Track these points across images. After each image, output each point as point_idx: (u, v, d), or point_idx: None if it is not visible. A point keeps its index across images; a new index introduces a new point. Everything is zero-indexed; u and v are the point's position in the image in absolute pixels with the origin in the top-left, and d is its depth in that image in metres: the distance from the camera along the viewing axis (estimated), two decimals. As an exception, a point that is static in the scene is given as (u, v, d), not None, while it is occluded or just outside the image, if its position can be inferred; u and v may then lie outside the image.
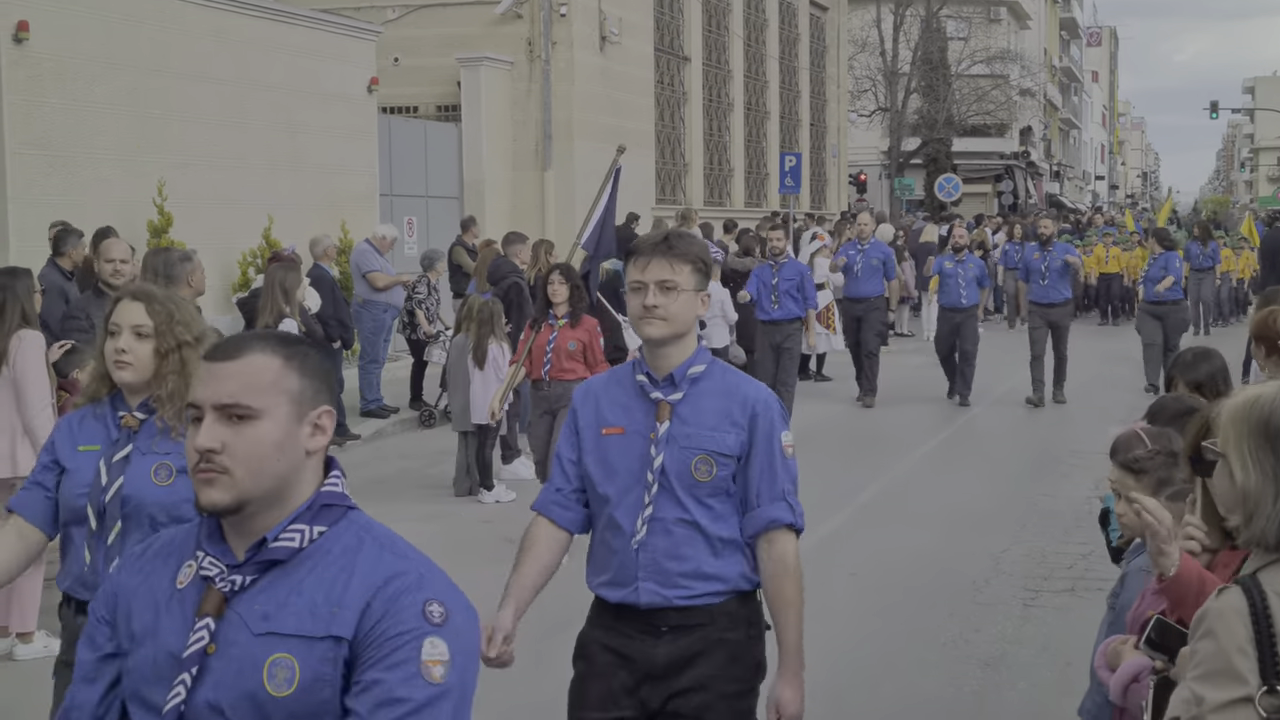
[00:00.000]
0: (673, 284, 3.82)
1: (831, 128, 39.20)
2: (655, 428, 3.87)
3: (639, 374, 3.94)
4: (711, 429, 3.85)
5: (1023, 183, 57.23)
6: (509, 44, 22.96)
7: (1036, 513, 10.80)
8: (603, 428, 3.95)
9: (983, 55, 50.70)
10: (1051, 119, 69.56)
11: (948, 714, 6.63)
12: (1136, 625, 3.42)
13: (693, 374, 3.90)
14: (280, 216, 16.27)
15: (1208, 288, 26.68)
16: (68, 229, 11.23)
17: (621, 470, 3.90)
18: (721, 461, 3.84)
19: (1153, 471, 3.88)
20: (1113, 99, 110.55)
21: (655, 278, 3.83)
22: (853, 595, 8.72)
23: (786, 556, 3.91)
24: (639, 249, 3.91)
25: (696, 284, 3.88)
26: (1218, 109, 67.71)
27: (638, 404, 3.93)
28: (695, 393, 3.88)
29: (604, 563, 3.98)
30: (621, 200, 22.03)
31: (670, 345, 3.88)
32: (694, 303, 3.89)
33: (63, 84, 13.64)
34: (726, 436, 3.85)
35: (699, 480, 3.84)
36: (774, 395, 3.96)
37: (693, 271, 3.87)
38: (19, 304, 7.48)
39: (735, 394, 3.90)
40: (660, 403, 3.88)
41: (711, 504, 3.86)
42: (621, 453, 3.91)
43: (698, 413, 3.86)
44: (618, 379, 4.04)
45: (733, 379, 3.96)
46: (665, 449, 3.85)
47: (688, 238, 3.97)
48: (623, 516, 3.89)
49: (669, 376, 3.90)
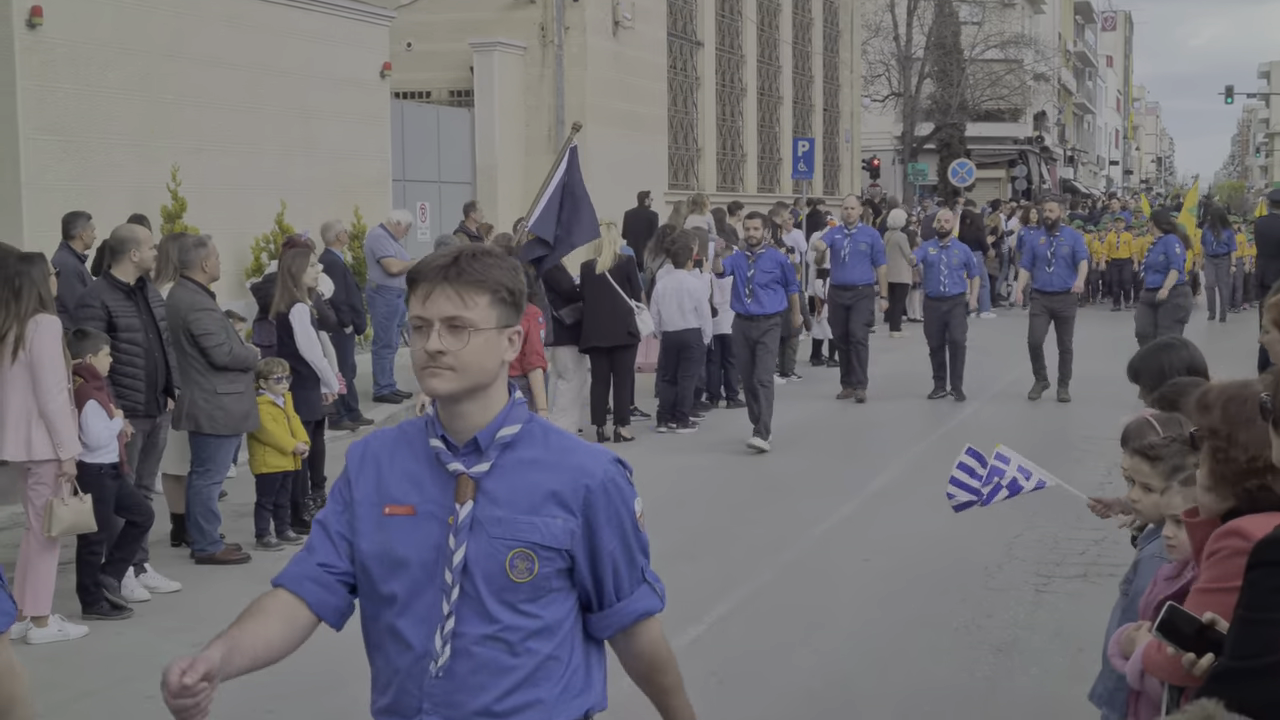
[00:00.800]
0: (464, 322, 2.91)
1: (845, 113, 39.11)
2: (455, 510, 2.96)
3: (433, 437, 3.02)
4: (531, 513, 2.95)
5: (1036, 168, 57.06)
6: (522, 29, 22.94)
7: (1049, 499, 10.76)
8: (385, 505, 3.02)
9: (997, 40, 50.56)
10: (1066, 104, 69.35)
11: (959, 700, 6.64)
12: (1150, 611, 3.43)
13: (504, 438, 2.98)
14: (293, 202, 16.30)
15: (1223, 274, 26.62)
16: (75, 212, 11.34)
17: (411, 565, 2.98)
18: (545, 556, 2.95)
19: (1168, 459, 3.88)
20: (1127, 84, 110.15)
21: (440, 313, 2.91)
22: (865, 581, 8.73)
23: (658, 644, 3.20)
24: (419, 274, 2.96)
25: (500, 318, 2.96)
26: (1233, 94, 67.49)
27: (431, 476, 3.01)
28: (509, 463, 2.98)
29: (384, 681, 3.05)
30: (634, 185, 22.16)
31: (466, 402, 2.97)
32: (496, 345, 2.96)
33: (76, 69, 13.65)
34: (552, 523, 2.96)
35: (516, 581, 2.94)
36: (613, 459, 3.07)
37: (493, 303, 2.95)
38: (35, 289, 7.51)
39: (563, 464, 2.99)
40: (461, 477, 2.96)
41: (531, 611, 2.97)
42: (410, 541, 2.98)
43: (513, 491, 2.96)
44: (408, 438, 3.09)
45: (558, 443, 3.05)
46: (470, 539, 2.94)
47: (487, 258, 2.98)
48: (410, 628, 2.97)
49: (472, 442, 2.98)
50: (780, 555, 9.31)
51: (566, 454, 3.02)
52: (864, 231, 16.61)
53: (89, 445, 7.76)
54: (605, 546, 3.02)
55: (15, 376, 7.46)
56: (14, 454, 7.52)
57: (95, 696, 6.80)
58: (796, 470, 12.22)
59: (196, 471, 9.15)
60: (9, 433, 7.48)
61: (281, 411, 9.64)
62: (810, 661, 7.17)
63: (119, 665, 7.21)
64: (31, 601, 7.54)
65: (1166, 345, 5.13)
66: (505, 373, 3.05)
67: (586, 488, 2.98)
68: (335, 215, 15.68)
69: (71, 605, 7.91)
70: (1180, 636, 2.90)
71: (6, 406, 7.48)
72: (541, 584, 2.96)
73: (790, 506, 10.75)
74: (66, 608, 7.84)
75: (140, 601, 8.26)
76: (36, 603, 7.55)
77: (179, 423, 9.09)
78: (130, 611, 8.06)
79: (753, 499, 11.02)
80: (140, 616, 8.03)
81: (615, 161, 23.45)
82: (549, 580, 2.97)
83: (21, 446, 7.49)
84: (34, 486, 7.57)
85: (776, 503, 10.90)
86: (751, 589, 8.52)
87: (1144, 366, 4.99)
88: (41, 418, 7.44)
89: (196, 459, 9.17)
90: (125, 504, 8.11)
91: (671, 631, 7.53)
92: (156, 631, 7.74)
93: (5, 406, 7.49)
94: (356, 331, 14.09)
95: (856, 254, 16.23)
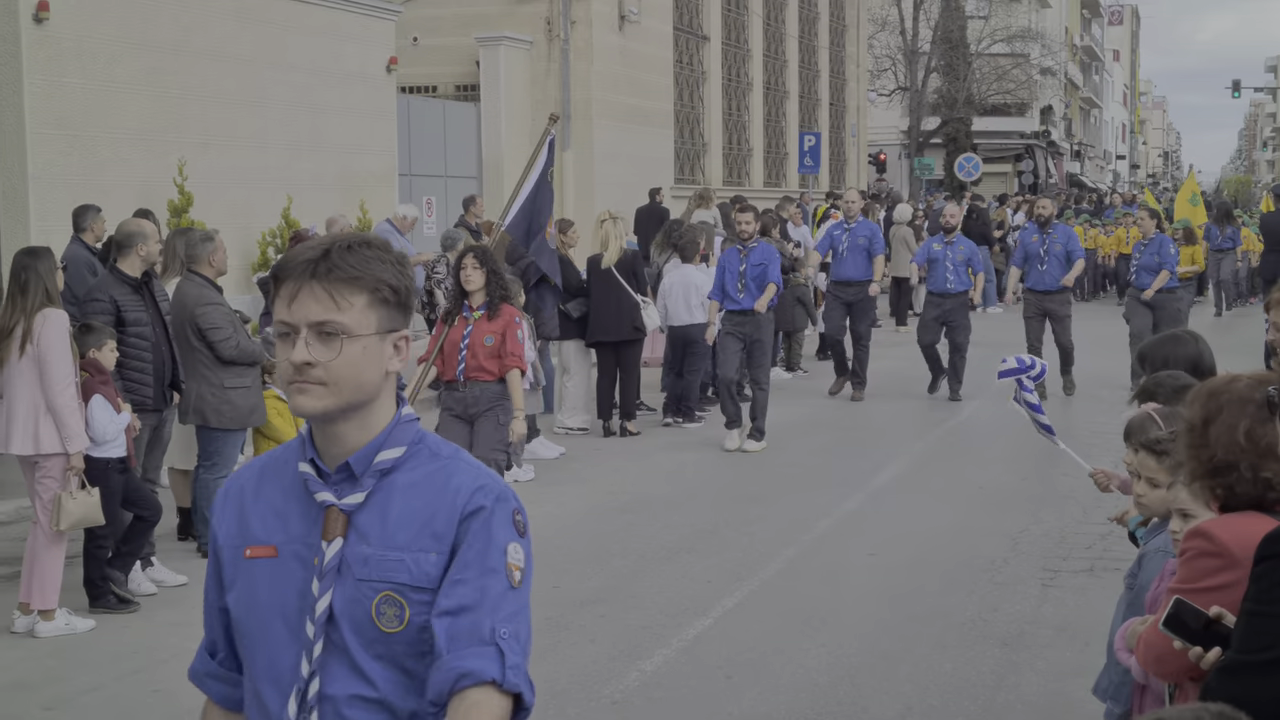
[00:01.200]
0: (336, 327, 2.44)
1: (851, 107, 39.09)
2: (321, 549, 2.49)
3: (303, 461, 2.56)
4: (402, 549, 2.48)
5: (1043, 162, 57.04)
6: (528, 23, 22.93)
7: (1055, 493, 10.79)
8: (247, 546, 2.57)
9: (1003, 34, 50.53)
10: (1072, 98, 69.26)
11: (965, 694, 6.64)
12: (1155, 605, 3.43)
13: (383, 463, 2.52)
14: (300, 196, 16.31)
15: (1227, 269, 26.58)
16: (86, 205, 11.36)
17: (273, 616, 2.52)
18: (416, 601, 2.46)
19: (1173, 453, 3.88)
20: (1134, 78, 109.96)
21: (307, 318, 2.44)
22: (871, 575, 8.73)
23: None
24: (283, 270, 2.50)
25: (382, 322, 2.50)
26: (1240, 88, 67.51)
27: (298, 509, 2.54)
28: (386, 492, 2.52)
29: None
30: (640, 179, 22.15)
31: (341, 422, 2.51)
32: (377, 354, 2.50)
33: (83, 64, 13.66)
34: (423, 560, 2.47)
35: (386, 631, 2.47)
36: (502, 489, 2.55)
37: (372, 304, 2.48)
38: (42, 283, 7.52)
39: (444, 490, 2.51)
40: (330, 509, 2.50)
41: (415, 669, 2.48)
42: (271, 587, 2.53)
43: (386, 525, 2.49)
44: (276, 466, 2.63)
45: (443, 466, 2.55)
46: (336, 583, 2.47)
47: (365, 250, 2.51)
48: (270, 693, 2.52)
49: (344, 467, 2.52)
50: (786, 549, 9.31)
51: (450, 477, 2.53)
52: (863, 226, 16.03)
53: (95, 439, 7.77)
54: (458, 574, 2.47)
55: (23, 370, 7.48)
56: (22, 448, 7.54)
57: (102, 690, 6.82)
58: (802, 465, 12.22)
59: (203, 465, 9.16)
60: (17, 427, 7.50)
61: (286, 405, 9.64)
62: (816, 655, 7.17)
63: (126, 659, 7.22)
64: (39, 595, 7.56)
65: (1177, 338, 5.14)
66: (392, 386, 2.58)
67: (463, 510, 2.49)
68: (341, 210, 15.70)
69: (78, 599, 7.92)
70: (1187, 631, 2.90)
71: (14, 401, 7.50)
72: (423, 635, 2.46)
73: (796, 501, 10.76)
74: (73, 601, 7.86)
75: (147, 595, 8.27)
76: (44, 596, 7.57)
77: (185, 417, 9.10)
78: (137, 605, 8.07)
79: (758, 493, 11.03)
80: (147, 610, 8.04)
81: (621, 156, 23.46)
82: (430, 630, 2.46)
83: (29, 440, 7.51)
84: (42, 480, 7.59)
85: (782, 497, 10.90)
86: (758, 583, 8.53)
87: (1152, 355, 5.00)
88: (49, 412, 7.46)
89: (203, 453, 9.18)
90: (133, 498, 8.13)
91: (678, 626, 7.58)
92: (163, 625, 7.74)
93: (13, 401, 7.50)
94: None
95: (855, 248, 15.72)
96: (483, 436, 8.63)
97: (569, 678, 6.84)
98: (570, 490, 11.20)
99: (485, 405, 8.68)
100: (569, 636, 7.51)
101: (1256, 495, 3.03)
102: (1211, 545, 2.98)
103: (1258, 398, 3.02)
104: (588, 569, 8.86)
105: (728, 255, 13.25)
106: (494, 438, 8.64)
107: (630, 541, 9.52)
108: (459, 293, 8.81)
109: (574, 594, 8.30)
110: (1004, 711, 6.44)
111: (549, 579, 8.57)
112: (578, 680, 6.81)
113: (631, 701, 6.55)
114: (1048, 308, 15.52)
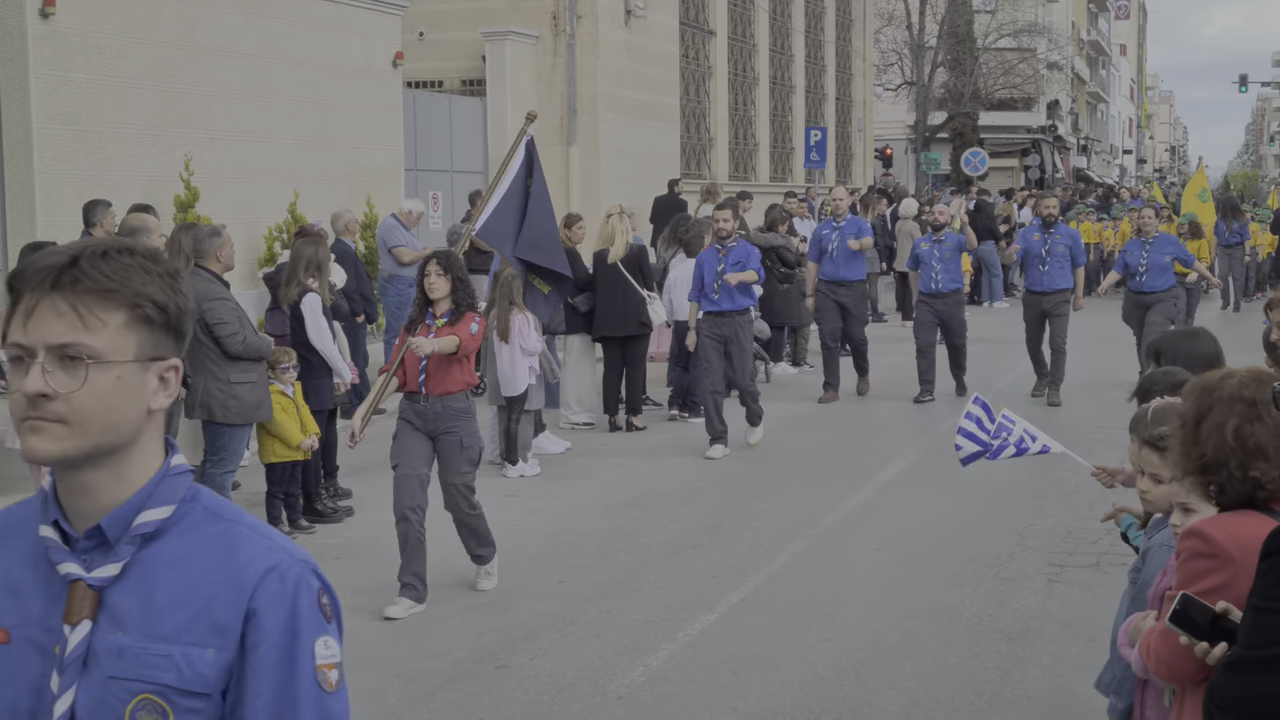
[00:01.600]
0: (81, 350, 1.95)
1: (857, 102, 39.06)
2: (63, 635, 1.99)
3: (45, 524, 2.06)
4: (169, 640, 1.98)
5: (1050, 157, 56.97)
6: (534, 18, 22.91)
7: (1061, 488, 10.78)
8: None
9: (1010, 28, 50.43)
10: (1079, 93, 69.18)
11: (971, 689, 6.64)
12: (1158, 600, 3.43)
13: (145, 525, 2.02)
14: (306, 191, 16.31)
15: (1236, 264, 26.54)
16: (96, 200, 11.38)
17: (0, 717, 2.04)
18: (186, 708, 1.98)
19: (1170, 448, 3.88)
20: (1141, 72, 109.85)
21: (46, 339, 1.95)
22: (877, 570, 8.73)
23: None
24: (19, 280, 2.00)
25: (144, 347, 2.01)
26: (1247, 82, 67.38)
27: (38, 582, 2.04)
28: (149, 565, 2.01)
29: None
30: (646, 174, 22.12)
31: (89, 471, 2.01)
32: (136, 386, 2.00)
33: (89, 59, 13.67)
34: (197, 656, 1.98)
35: None
36: (302, 562, 2.06)
37: (131, 323, 1.99)
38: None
39: (226, 564, 2.01)
40: (75, 585, 2.00)
41: None
42: (1, 681, 2.02)
43: (149, 608, 1.99)
44: (13, 527, 2.13)
45: (224, 532, 2.05)
46: (80, 680, 1.98)
47: (125, 258, 2.00)
48: None
49: (95, 531, 2.01)
50: (791, 544, 9.31)
51: (234, 548, 2.01)
52: (853, 223, 15.66)
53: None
54: (250, 694, 1.98)
55: (29, 365, 7.48)
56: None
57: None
58: (807, 459, 12.22)
59: (210, 460, 9.17)
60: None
61: (291, 402, 9.66)
62: (822, 650, 7.18)
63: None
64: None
65: (1190, 334, 5.16)
66: (157, 428, 2.06)
67: (252, 594, 1.99)
68: (347, 205, 15.71)
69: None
70: (1194, 626, 2.90)
71: (20, 395, 7.50)
72: None
73: (801, 495, 10.76)
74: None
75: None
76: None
77: (192, 412, 9.12)
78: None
79: (763, 488, 11.03)
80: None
81: (627, 151, 23.46)
82: None
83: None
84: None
85: (787, 492, 10.90)
86: (763, 578, 8.53)
87: (1170, 351, 5.01)
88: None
89: (210, 448, 9.19)
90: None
91: (684, 620, 7.59)
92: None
93: (19, 395, 7.50)
94: (368, 321, 14.16)
95: (845, 248, 15.30)
96: (449, 463, 8.13)
97: (575, 672, 6.85)
98: (576, 485, 11.21)
99: (447, 423, 8.15)
100: (574, 631, 7.52)
101: (1246, 494, 3.03)
102: (1206, 545, 2.98)
103: (1247, 396, 3.02)
104: (593, 564, 8.87)
105: (706, 254, 12.79)
106: (460, 461, 8.14)
107: (636, 536, 9.53)
108: (423, 301, 8.21)
109: (579, 589, 8.31)
110: (1009, 706, 6.44)
111: (554, 574, 8.58)
112: (583, 675, 6.82)
113: (637, 696, 6.55)
114: (1047, 308, 15.12)
